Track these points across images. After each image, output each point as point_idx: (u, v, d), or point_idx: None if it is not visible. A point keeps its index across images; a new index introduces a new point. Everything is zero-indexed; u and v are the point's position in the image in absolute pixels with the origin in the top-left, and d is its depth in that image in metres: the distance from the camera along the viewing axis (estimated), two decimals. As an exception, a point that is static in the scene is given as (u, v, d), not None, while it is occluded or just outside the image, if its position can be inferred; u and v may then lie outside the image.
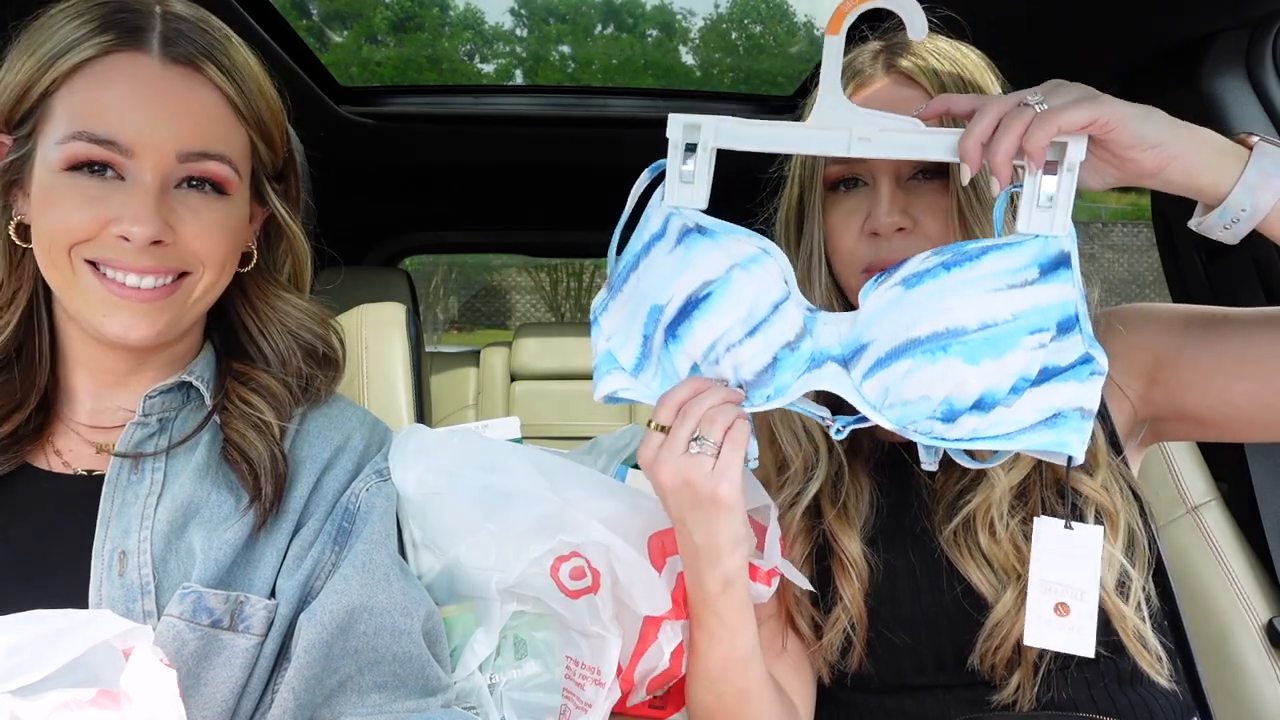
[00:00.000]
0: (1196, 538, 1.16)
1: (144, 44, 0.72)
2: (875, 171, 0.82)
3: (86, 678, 0.58)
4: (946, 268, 0.67)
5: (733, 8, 15.48)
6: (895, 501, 0.88)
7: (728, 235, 0.71)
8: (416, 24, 11.55)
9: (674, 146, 0.72)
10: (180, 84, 0.73)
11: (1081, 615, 0.70)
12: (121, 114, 0.71)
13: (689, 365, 0.72)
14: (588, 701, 0.81)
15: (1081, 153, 0.66)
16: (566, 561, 0.80)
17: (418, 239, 2.94)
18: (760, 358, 0.70)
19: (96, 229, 0.71)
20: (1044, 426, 0.67)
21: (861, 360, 0.69)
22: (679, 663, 0.84)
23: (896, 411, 0.69)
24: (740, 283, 0.69)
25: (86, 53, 0.71)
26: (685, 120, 0.72)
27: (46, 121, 0.72)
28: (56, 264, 0.73)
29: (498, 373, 3.16)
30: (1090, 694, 0.82)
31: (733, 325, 0.69)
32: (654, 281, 0.72)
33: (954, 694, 0.84)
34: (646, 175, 0.75)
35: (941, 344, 0.66)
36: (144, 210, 0.71)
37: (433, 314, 12.38)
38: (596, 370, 0.76)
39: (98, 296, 0.72)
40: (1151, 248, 1.40)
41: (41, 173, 0.72)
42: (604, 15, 13.30)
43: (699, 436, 0.70)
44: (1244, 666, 1.09)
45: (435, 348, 3.82)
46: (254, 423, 0.79)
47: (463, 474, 0.84)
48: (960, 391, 0.66)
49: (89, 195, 0.71)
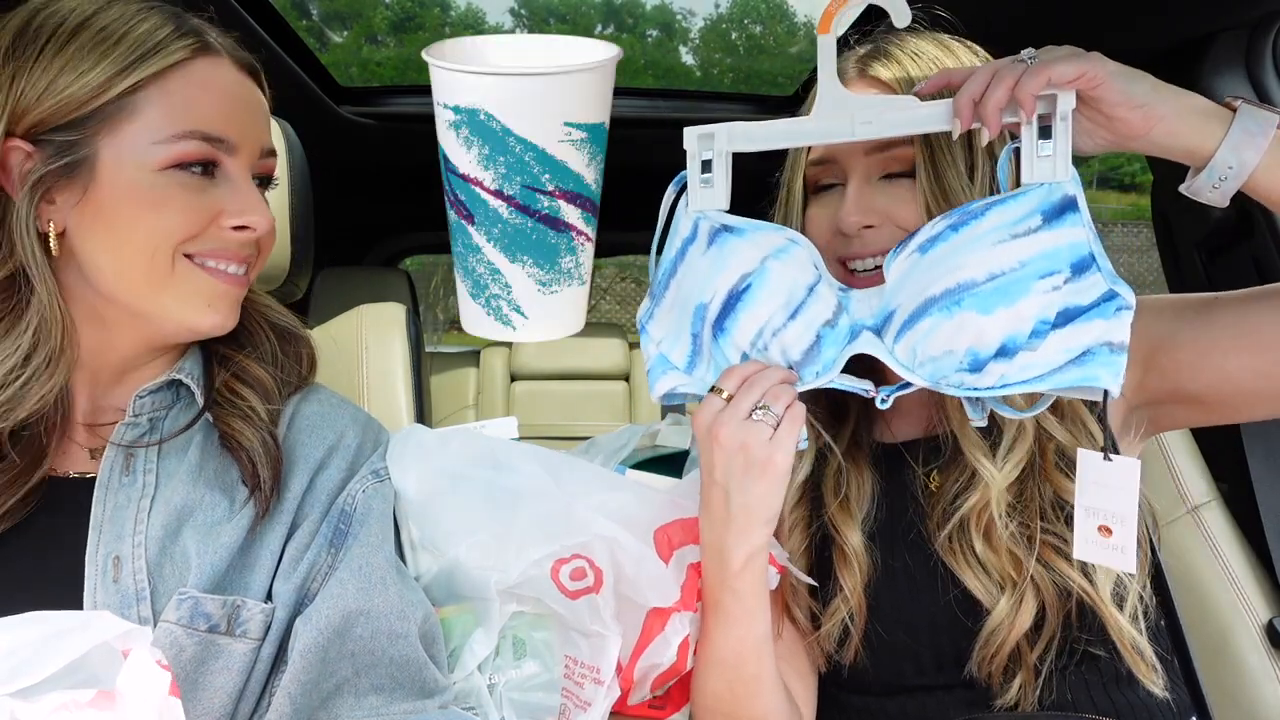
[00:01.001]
0: (1196, 538, 1.16)
1: (219, 48, 0.76)
2: (846, 174, 0.85)
3: (88, 679, 0.58)
4: (954, 229, 0.71)
5: (733, 8, 15.50)
6: (893, 503, 0.88)
7: (755, 231, 0.77)
8: (417, 24, 11.56)
9: (692, 157, 0.78)
10: (248, 86, 0.79)
11: (1123, 536, 0.73)
12: (225, 113, 0.74)
13: (739, 355, 0.77)
14: (587, 700, 0.81)
15: (1071, 102, 0.69)
16: (567, 563, 0.80)
17: (418, 239, 2.94)
18: (805, 337, 0.75)
19: (205, 223, 0.74)
20: (1073, 365, 0.69)
21: (891, 325, 0.74)
22: (685, 657, 0.84)
23: (927, 369, 0.73)
24: (775, 272, 0.74)
25: (179, 54, 0.72)
26: (699, 131, 0.78)
27: (127, 122, 0.71)
28: (155, 264, 0.72)
29: (498, 373, 3.17)
30: (1090, 695, 0.82)
31: (775, 311, 0.74)
32: (695, 282, 0.77)
33: (954, 695, 0.84)
34: (672, 189, 0.81)
35: (955, 299, 0.69)
36: (258, 202, 0.76)
37: (433, 314, 12.37)
38: (651, 374, 0.81)
39: (202, 288, 0.75)
40: (1151, 248, 1.40)
41: (128, 172, 0.71)
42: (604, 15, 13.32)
43: (763, 406, 0.74)
44: (1244, 666, 1.09)
45: (435, 348, 3.82)
46: (242, 412, 0.79)
47: (465, 473, 0.84)
48: (980, 341, 0.69)
49: (193, 191, 0.73)
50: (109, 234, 0.72)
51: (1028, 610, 0.79)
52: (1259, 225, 1.17)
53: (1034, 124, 0.69)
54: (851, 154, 0.84)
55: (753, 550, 0.77)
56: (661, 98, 1.94)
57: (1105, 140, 0.73)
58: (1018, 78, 0.69)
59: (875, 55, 0.87)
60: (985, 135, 0.71)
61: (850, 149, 0.84)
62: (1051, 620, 0.80)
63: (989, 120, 0.70)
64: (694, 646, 0.85)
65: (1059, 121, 0.69)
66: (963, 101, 0.71)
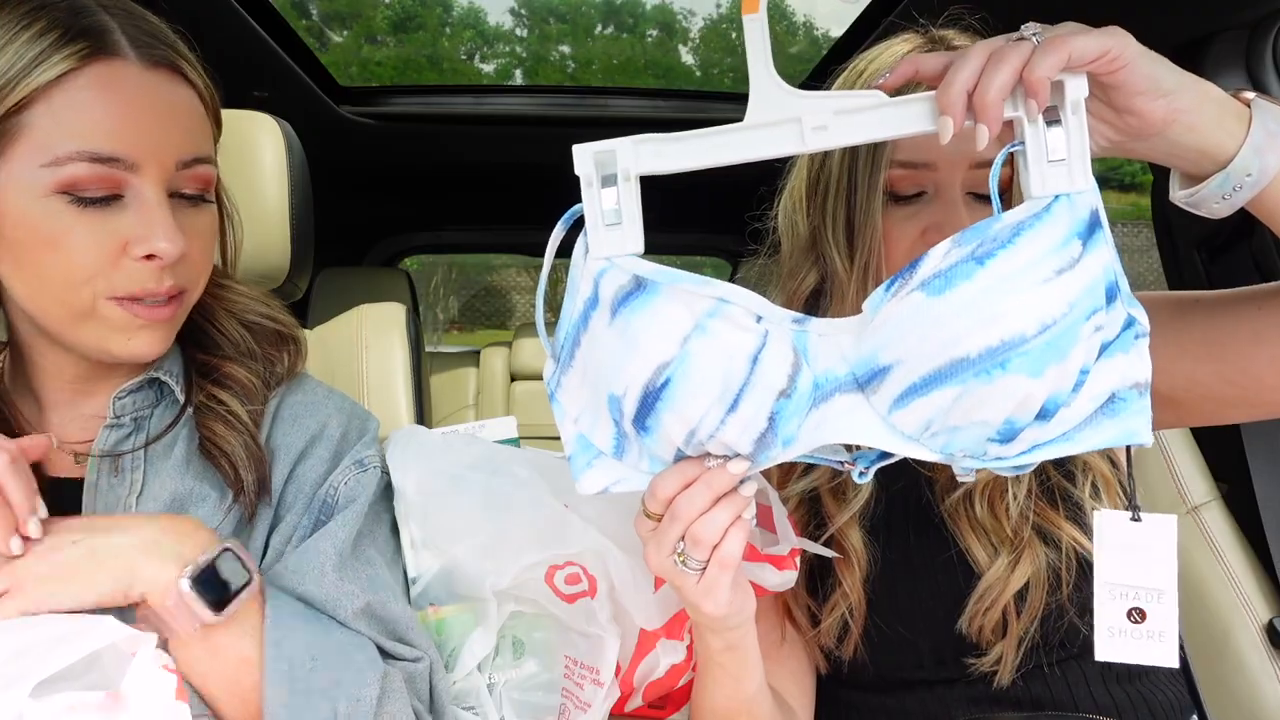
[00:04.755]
0: (1197, 538, 1.16)
1: (117, 49, 0.67)
2: (941, 186, 0.78)
3: (100, 680, 0.58)
4: (979, 261, 0.54)
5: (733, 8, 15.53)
6: (897, 487, 0.88)
7: (671, 287, 0.57)
8: (417, 24, 11.56)
9: (587, 184, 0.59)
10: (164, 88, 0.69)
11: (1161, 619, 0.62)
12: (121, 127, 0.65)
13: (673, 450, 0.61)
14: (587, 701, 0.81)
15: (1084, 88, 0.55)
16: (561, 569, 0.79)
17: (418, 239, 2.94)
18: (754, 426, 0.58)
19: (114, 255, 0.66)
20: (1103, 415, 0.57)
21: (887, 386, 0.57)
22: (676, 678, 0.84)
23: (941, 440, 0.58)
24: (701, 357, 0.56)
25: (61, 66, 0.64)
26: (595, 149, 0.59)
27: (16, 143, 0.64)
28: (70, 304, 0.67)
29: (498, 373, 3.17)
30: (1090, 691, 0.82)
31: (708, 409, 0.57)
32: (602, 364, 0.59)
33: (954, 690, 0.84)
34: (561, 227, 0.62)
35: (998, 360, 0.53)
36: (166, 225, 0.67)
37: (433, 314, 12.36)
38: (574, 460, 0.64)
39: (121, 324, 0.69)
40: (1151, 248, 1.40)
41: (20, 200, 0.65)
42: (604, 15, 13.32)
43: (682, 554, 0.62)
44: (1244, 666, 1.09)
45: (435, 348, 3.82)
46: (222, 417, 0.77)
47: (464, 475, 0.84)
48: (1024, 408, 0.55)
49: (94, 221, 0.66)
50: (18, 269, 0.67)
51: (1022, 571, 0.79)
52: (1260, 225, 1.16)
53: (1039, 119, 0.55)
54: (955, 165, 0.76)
55: (730, 643, 0.73)
56: (661, 98, 1.94)
57: (1108, 139, 0.60)
58: (1025, 58, 0.54)
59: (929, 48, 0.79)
60: (982, 136, 0.55)
61: (955, 159, 0.75)
62: (1036, 592, 0.80)
63: (989, 114, 0.54)
64: (687, 670, 0.84)
65: (1070, 114, 0.55)
66: (953, 92, 0.55)
